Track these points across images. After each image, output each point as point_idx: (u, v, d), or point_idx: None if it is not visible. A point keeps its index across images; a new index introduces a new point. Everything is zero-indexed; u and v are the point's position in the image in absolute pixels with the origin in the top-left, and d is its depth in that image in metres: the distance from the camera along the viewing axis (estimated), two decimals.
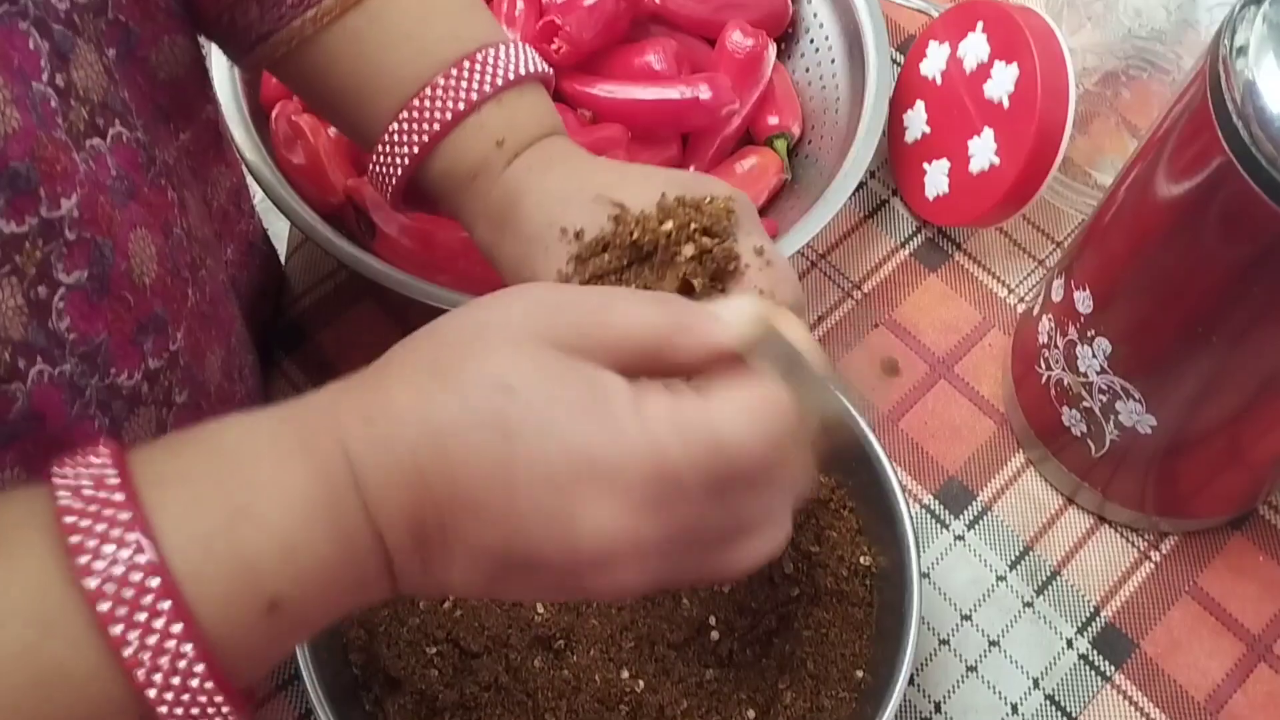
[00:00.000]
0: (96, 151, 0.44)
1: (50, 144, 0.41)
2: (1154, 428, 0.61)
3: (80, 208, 0.42)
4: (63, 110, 0.43)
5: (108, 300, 0.44)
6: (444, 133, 0.51)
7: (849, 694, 0.59)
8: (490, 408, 0.35)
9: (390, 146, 0.52)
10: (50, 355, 0.42)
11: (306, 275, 0.78)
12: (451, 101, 0.51)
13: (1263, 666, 0.67)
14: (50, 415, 0.43)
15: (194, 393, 0.52)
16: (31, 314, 0.41)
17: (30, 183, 0.40)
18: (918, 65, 0.80)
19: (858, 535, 0.63)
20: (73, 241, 0.42)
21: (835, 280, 0.79)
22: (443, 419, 0.35)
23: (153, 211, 0.48)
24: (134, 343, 0.46)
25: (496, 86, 0.51)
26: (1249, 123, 0.47)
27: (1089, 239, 0.62)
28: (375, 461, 0.35)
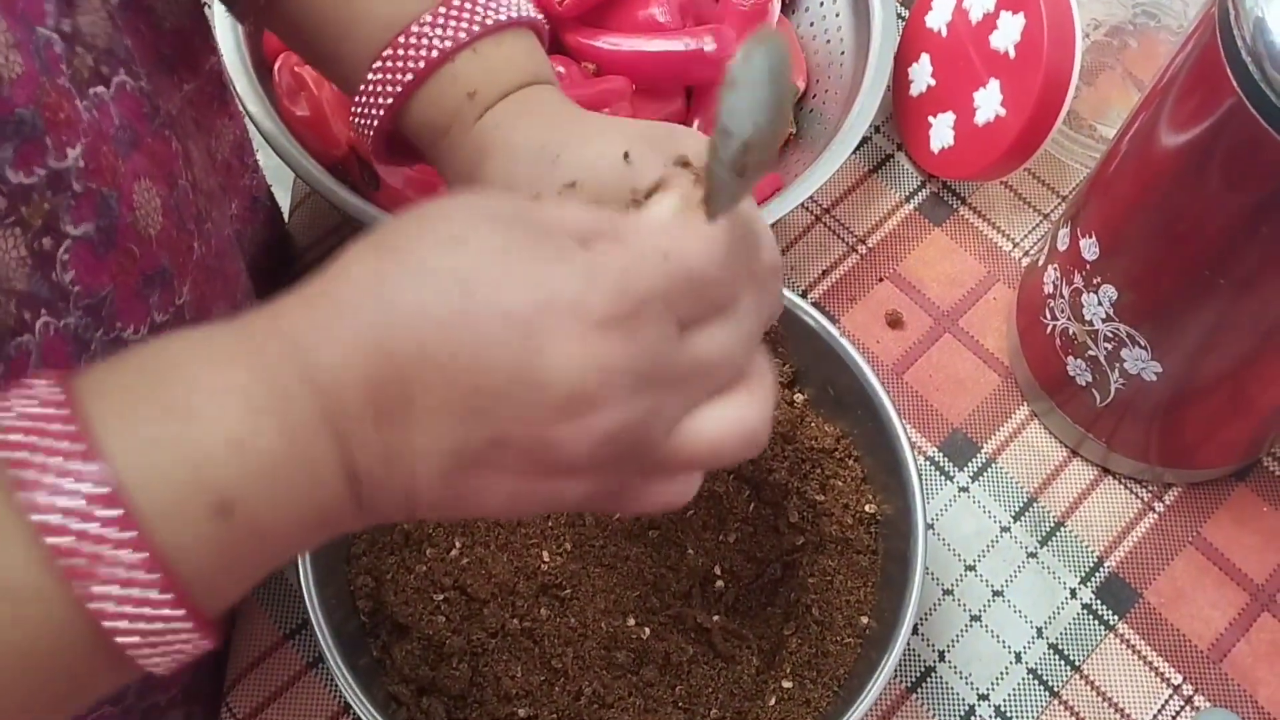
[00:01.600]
0: (100, 100, 0.44)
1: (54, 91, 0.40)
2: (1159, 375, 0.61)
3: (85, 157, 0.42)
4: (66, 56, 0.42)
5: (113, 253, 0.44)
6: (417, 83, 0.49)
7: (854, 640, 0.60)
8: (445, 265, 0.34)
9: (367, 95, 0.51)
10: (54, 308, 0.42)
11: (310, 230, 0.77)
12: (427, 48, 0.49)
13: (1266, 616, 0.67)
14: (55, 368, 0.42)
15: None
16: (35, 265, 0.41)
17: (36, 130, 0.39)
18: (923, 18, 0.79)
19: (863, 484, 0.63)
20: (80, 193, 0.42)
21: (840, 234, 0.78)
22: (398, 283, 0.34)
23: (156, 162, 0.47)
24: (139, 296, 0.46)
25: (473, 34, 0.49)
26: (1260, 60, 0.46)
27: (1095, 186, 0.62)
28: (328, 340, 0.34)
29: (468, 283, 0.34)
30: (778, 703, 0.59)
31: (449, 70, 0.49)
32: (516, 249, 0.35)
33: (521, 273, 0.35)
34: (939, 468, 0.71)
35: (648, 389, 0.36)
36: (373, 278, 0.35)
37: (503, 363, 0.34)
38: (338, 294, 0.35)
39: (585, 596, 0.60)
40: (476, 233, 0.35)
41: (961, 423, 0.72)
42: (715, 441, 0.38)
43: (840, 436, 0.64)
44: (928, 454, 0.71)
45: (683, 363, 0.37)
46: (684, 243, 0.36)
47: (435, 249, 0.35)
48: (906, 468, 0.59)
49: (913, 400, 0.73)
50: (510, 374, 0.34)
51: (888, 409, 0.61)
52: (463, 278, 0.34)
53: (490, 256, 0.35)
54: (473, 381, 0.34)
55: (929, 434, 0.72)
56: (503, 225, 0.36)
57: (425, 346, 0.34)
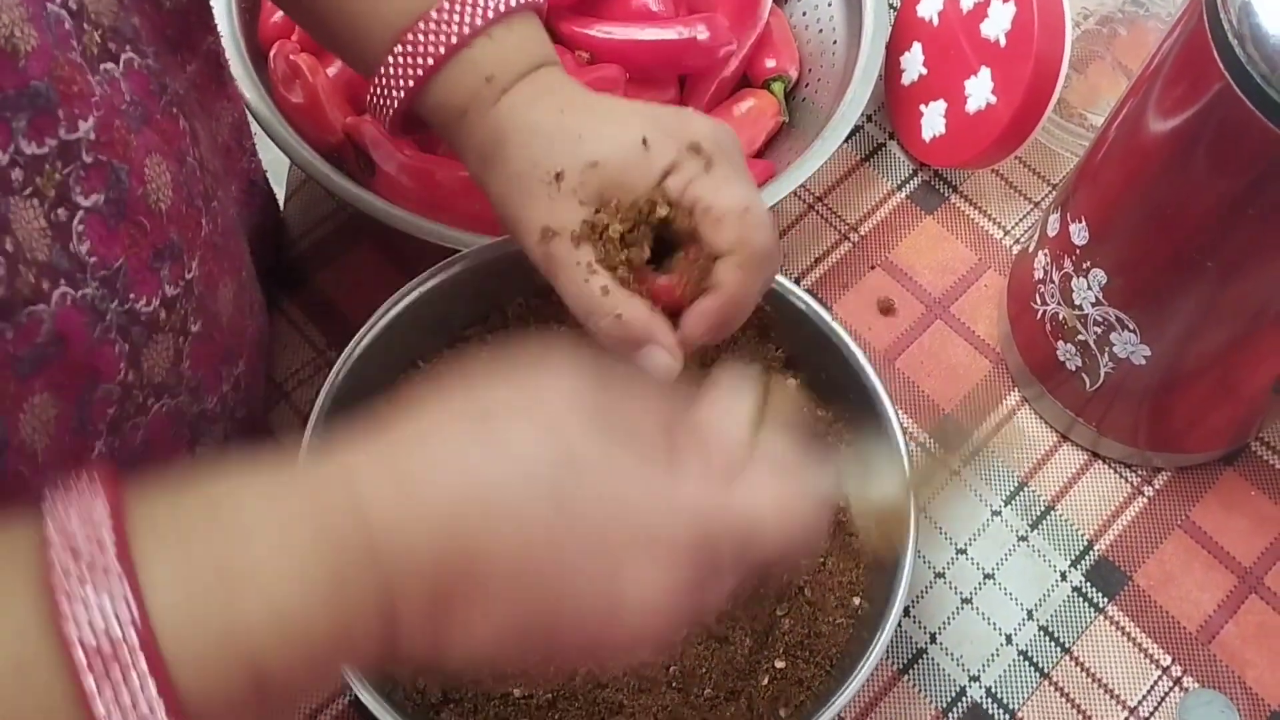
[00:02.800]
0: (110, 76, 0.45)
1: (67, 65, 0.41)
2: (1148, 358, 0.62)
3: (97, 130, 0.42)
4: (76, 33, 0.43)
5: (125, 225, 0.45)
6: (436, 68, 0.51)
7: (846, 620, 0.60)
8: (552, 478, 0.35)
9: (386, 80, 0.53)
10: (73, 278, 0.43)
11: (305, 217, 0.78)
12: (444, 36, 0.51)
13: (1254, 598, 0.68)
14: (73, 338, 0.43)
15: (207, 323, 0.52)
16: (54, 236, 0.41)
17: (50, 102, 0.40)
18: (914, 7, 0.80)
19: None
20: (90, 164, 0.42)
21: (832, 223, 0.79)
22: (499, 486, 0.34)
23: (166, 139, 0.48)
24: (151, 269, 0.47)
25: (488, 19, 0.51)
26: (1245, 43, 0.47)
27: (1085, 171, 0.63)
28: (401, 524, 0.34)
29: (563, 505, 0.35)
30: (770, 682, 0.59)
31: (466, 55, 0.51)
32: (617, 471, 0.36)
33: (618, 499, 0.35)
34: (931, 453, 0.72)
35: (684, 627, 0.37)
36: (458, 460, 0.35)
37: (584, 588, 0.35)
38: (419, 471, 0.35)
39: None
40: (570, 429, 0.36)
41: (953, 409, 0.73)
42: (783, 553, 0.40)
43: (833, 421, 0.65)
44: (920, 439, 0.72)
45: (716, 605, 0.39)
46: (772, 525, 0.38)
47: (527, 439, 0.35)
48: (899, 452, 0.60)
49: (905, 386, 0.74)
50: (589, 598, 0.35)
51: (880, 394, 0.62)
52: (560, 499, 0.35)
53: (590, 478, 0.35)
54: (545, 596, 0.35)
55: (921, 420, 0.73)
56: (597, 423, 0.36)
57: (505, 558, 0.34)
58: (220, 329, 0.54)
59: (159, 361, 0.49)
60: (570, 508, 0.35)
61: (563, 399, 0.37)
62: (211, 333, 0.53)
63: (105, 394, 0.46)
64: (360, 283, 0.75)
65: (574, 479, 0.35)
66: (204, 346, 0.52)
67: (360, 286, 0.75)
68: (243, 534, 0.33)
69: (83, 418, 0.45)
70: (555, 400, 0.37)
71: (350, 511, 0.34)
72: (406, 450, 0.35)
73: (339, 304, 0.75)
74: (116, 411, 0.47)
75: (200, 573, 0.33)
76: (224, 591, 0.33)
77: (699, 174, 0.48)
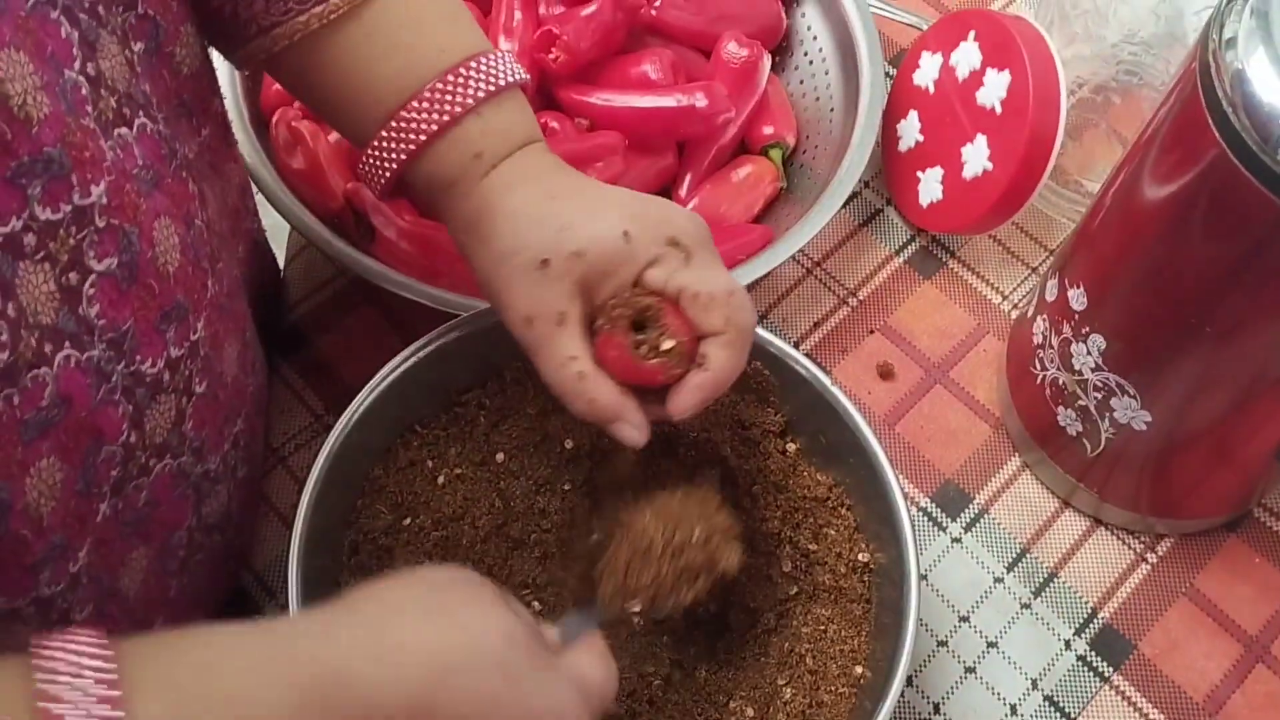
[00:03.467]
0: (124, 140, 0.45)
1: (79, 131, 0.42)
2: (1149, 424, 0.62)
3: (109, 194, 0.43)
4: (93, 99, 0.44)
5: (135, 288, 0.45)
6: (428, 143, 0.54)
7: (849, 689, 0.59)
8: (500, 652, 0.43)
9: (379, 152, 0.55)
10: (79, 341, 0.43)
11: (305, 281, 0.78)
12: (438, 112, 0.54)
13: (1260, 667, 0.67)
14: (77, 400, 0.43)
15: (212, 383, 0.53)
16: (63, 300, 0.42)
17: (63, 168, 0.41)
18: (910, 75, 0.81)
19: (855, 533, 0.63)
20: (103, 229, 0.43)
21: (830, 287, 0.79)
22: (457, 655, 0.42)
23: (176, 202, 0.49)
24: (157, 330, 0.47)
25: (478, 99, 0.54)
26: (1239, 111, 0.47)
27: (1082, 237, 0.63)
28: (378, 680, 0.40)
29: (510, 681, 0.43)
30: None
31: (456, 132, 0.54)
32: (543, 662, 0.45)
33: (544, 687, 0.44)
34: (931, 518, 0.71)
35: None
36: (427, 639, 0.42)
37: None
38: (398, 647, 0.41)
39: None
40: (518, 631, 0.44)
41: (954, 473, 0.73)
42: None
43: (833, 486, 0.64)
44: (920, 504, 0.71)
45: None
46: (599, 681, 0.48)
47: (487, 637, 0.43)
48: (899, 517, 0.59)
49: (905, 451, 0.73)
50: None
51: (880, 459, 0.61)
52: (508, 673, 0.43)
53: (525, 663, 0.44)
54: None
55: (921, 484, 0.72)
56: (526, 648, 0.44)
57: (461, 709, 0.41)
58: (224, 388, 0.55)
59: (161, 422, 0.49)
60: (511, 683, 0.43)
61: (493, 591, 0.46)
62: (216, 392, 0.53)
63: (109, 455, 0.46)
64: (359, 347, 0.75)
65: (515, 656, 0.43)
66: (208, 406, 0.53)
67: (359, 351, 0.75)
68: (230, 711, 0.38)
69: (87, 480, 0.45)
70: (488, 590, 0.46)
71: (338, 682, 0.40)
72: (381, 622, 0.42)
73: (337, 368, 0.75)
74: (120, 473, 0.47)
75: None
76: None
77: (680, 266, 0.52)
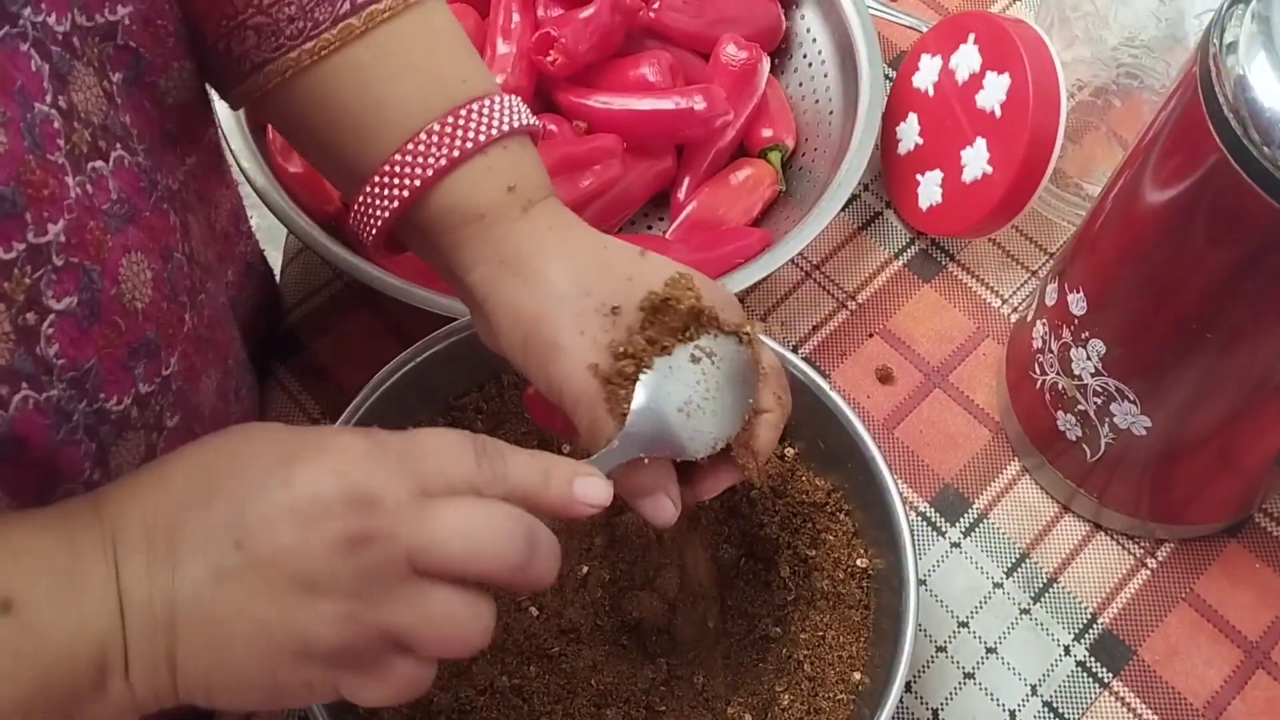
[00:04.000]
0: (98, 174, 0.44)
1: (39, 168, 0.41)
2: (1149, 429, 0.61)
3: (67, 233, 0.42)
4: (65, 132, 0.42)
5: (98, 326, 0.44)
6: (450, 168, 0.50)
7: (846, 696, 0.59)
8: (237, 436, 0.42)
9: (389, 178, 0.51)
10: (36, 381, 0.42)
11: (302, 285, 0.78)
12: (463, 138, 0.50)
13: (1260, 673, 0.67)
14: (33, 440, 0.42)
15: (186, 416, 0.51)
16: (19, 341, 0.41)
17: (16, 206, 0.40)
18: (910, 78, 0.80)
19: (854, 538, 0.63)
20: (61, 267, 0.42)
21: (830, 290, 0.79)
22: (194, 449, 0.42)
23: (153, 236, 0.48)
24: (125, 368, 0.46)
25: (504, 132, 0.51)
26: (1241, 117, 0.47)
27: (1082, 242, 0.63)
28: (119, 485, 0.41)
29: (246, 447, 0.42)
30: None
31: (483, 161, 0.51)
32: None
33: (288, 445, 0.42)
34: (930, 523, 0.71)
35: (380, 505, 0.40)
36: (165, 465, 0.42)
37: (254, 475, 0.40)
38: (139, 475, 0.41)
39: (575, 654, 0.60)
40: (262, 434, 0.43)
41: (953, 478, 0.72)
42: (459, 534, 0.41)
43: (831, 490, 0.64)
44: (919, 509, 0.71)
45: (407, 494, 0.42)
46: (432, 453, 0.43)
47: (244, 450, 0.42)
48: (898, 522, 0.59)
49: (904, 455, 0.73)
50: (257, 481, 0.40)
51: (879, 463, 0.61)
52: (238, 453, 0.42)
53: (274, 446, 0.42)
54: (226, 495, 0.40)
55: (920, 489, 0.72)
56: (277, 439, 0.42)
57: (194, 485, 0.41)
58: (201, 420, 0.53)
59: (129, 459, 0.48)
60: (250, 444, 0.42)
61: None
62: (191, 425, 0.52)
63: (66, 494, 0.45)
64: (355, 351, 0.75)
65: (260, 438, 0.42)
66: (181, 440, 0.51)
67: (355, 354, 0.75)
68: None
69: None
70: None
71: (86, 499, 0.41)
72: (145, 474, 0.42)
73: (334, 372, 0.74)
74: None
75: None
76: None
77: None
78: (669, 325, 0.49)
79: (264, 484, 0.40)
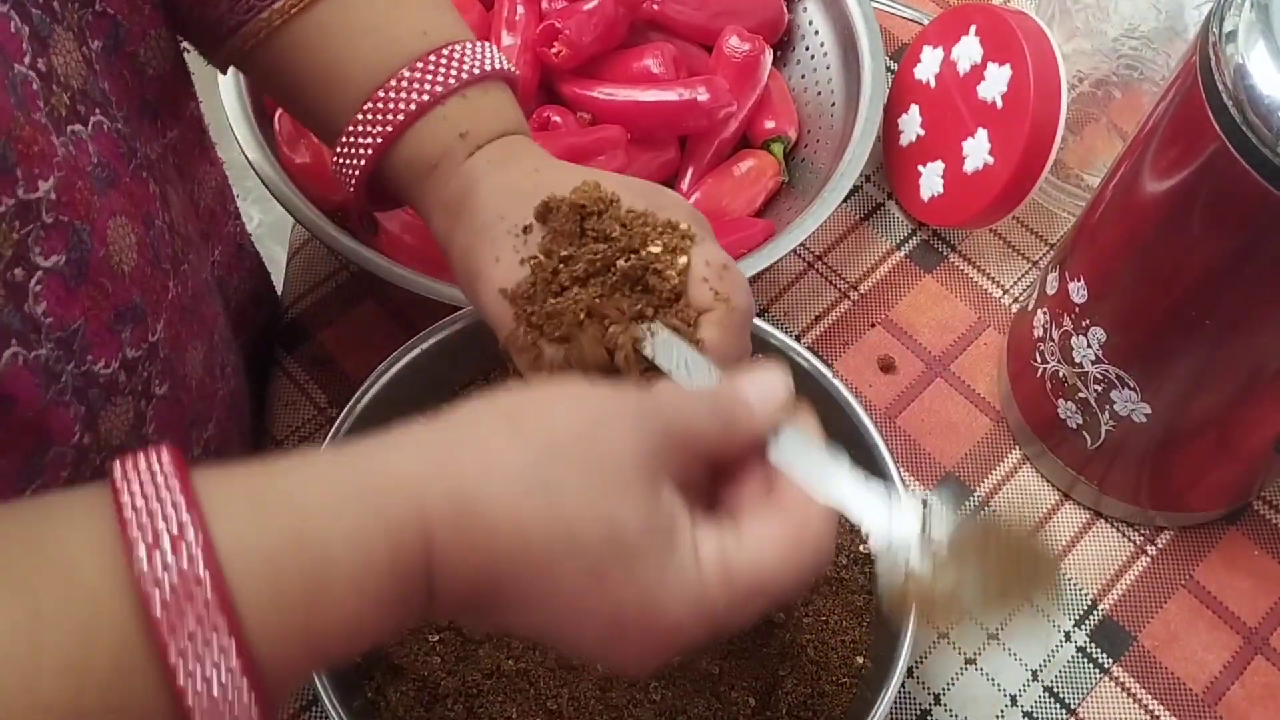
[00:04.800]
0: (77, 137, 0.45)
1: (28, 125, 0.41)
2: (1149, 416, 0.62)
3: (58, 190, 0.42)
4: (44, 94, 0.43)
5: (85, 286, 0.44)
6: (408, 122, 0.51)
7: (849, 680, 0.60)
8: (595, 553, 0.37)
9: (355, 136, 0.52)
10: (25, 339, 0.42)
11: (308, 274, 0.78)
12: (417, 93, 0.51)
13: (1259, 659, 0.68)
14: (22, 398, 0.42)
15: (174, 386, 0.52)
16: (7, 297, 0.41)
17: (7, 162, 0.40)
18: (911, 70, 0.81)
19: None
20: (50, 225, 0.42)
21: (832, 280, 0.79)
22: (543, 547, 0.37)
23: (134, 201, 0.48)
24: (112, 330, 0.46)
25: (462, 80, 0.51)
26: (1241, 104, 0.48)
27: (1082, 231, 0.63)
28: (457, 556, 0.37)
29: (599, 579, 0.37)
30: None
31: (439, 112, 0.51)
32: (649, 559, 0.38)
33: (643, 588, 0.38)
34: None
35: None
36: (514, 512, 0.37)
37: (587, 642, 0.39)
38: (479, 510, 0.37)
39: None
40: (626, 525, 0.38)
41: (954, 466, 0.73)
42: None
43: None
44: (921, 497, 0.72)
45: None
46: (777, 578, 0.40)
47: (581, 505, 0.37)
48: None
49: (906, 444, 0.73)
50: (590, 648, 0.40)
51: (881, 452, 0.61)
52: (598, 574, 0.37)
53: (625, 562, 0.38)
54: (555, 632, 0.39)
55: (922, 477, 0.72)
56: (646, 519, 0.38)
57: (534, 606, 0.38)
58: (188, 391, 0.54)
59: (118, 424, 0.48)
60: (601, 585, 0.37)
61: (626, 462, 0.38)
62: (179, 395, 0.52)
63: (58, 456, 0.45)
64: (362, 340, 0.75)
65: (614, 557, 0.37)
66: (170, 409, 0.52)
67: (362, 344, 0.75)
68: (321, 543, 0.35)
69: (32, 479, 0.45)
70: (617, 463, 0.38)
71: (421, 543, 0.36)
72: (473, 485, 0.37)
73: (340, 361, 0.75)
74: (71, 474, 0.46)
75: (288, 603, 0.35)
76: (305, 612, 0.35)
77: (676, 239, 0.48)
78: (560, 228, 0.47)
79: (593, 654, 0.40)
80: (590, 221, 0.47)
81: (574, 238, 0.47)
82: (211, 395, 0.57)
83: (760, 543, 0.40)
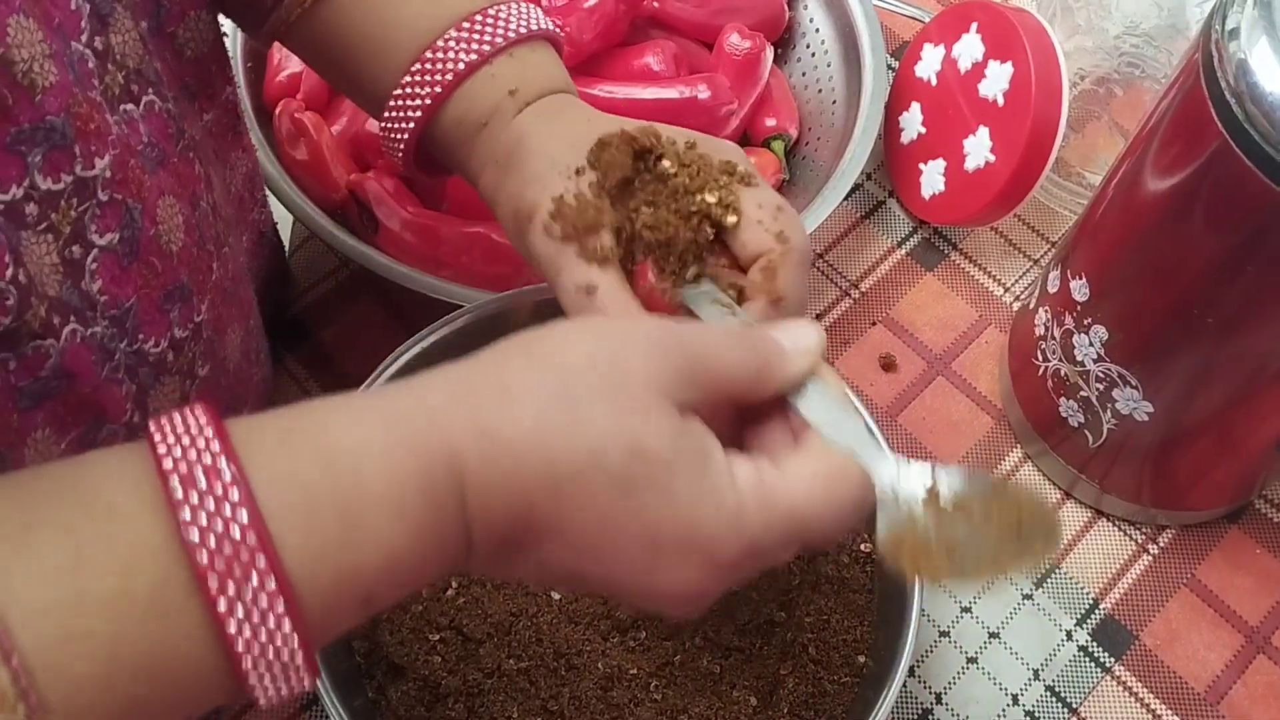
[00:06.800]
0: (129, 116, 0.45)
1: (85, 102, 0.41)
2: (1151, 415, 0.62)
3: (113, 168, 0.43)
4: (99, 72, 0.43)
5: (136, 265, 0.45)
6: (457, 81, 0.52)
7: (851, 679, 0.59)
8: (620, 465, 0.37)
9: (404, 99, 0.53)
10: (83, 316, 0.43)
11: (309, 273, 0.78)
12: (465, 52, 0.52)
13: (1261, 658, 0.67)
14: (81, 375, 0.43)
15: (215, 368, 0.52)
16: (66, 273, 0.41)
17: (66, 138, 0.40)
18: (912, 67, 0.81)
19: None
20: (105, 202, 0.43)
21: (833, 279, 0.79)
22: (568, 464, 0.37)
23: (181, 182, 0.48)
24: (161, 310, 0.47)
25: (509, 39, 0.52)
26: (1242, 101, 0.47)
27: (1084, 229, 0.63)
28: (487, 482, 0.37)
29: (629, 494, 0.37)
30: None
31: (488, 70, 0.52)
32: (681, 475, 0.38)
33: (677, 503, 0.38)
34: None
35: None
36: (537, 435, 0.37)
37: (625, 568, 0.39)
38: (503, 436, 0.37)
39: (580, 638, 0.60)
40: (653, 443, 0.38)
41: (956, 465, 0.73)
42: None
43: None
44: None
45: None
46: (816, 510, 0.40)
47: (615, 450, 0.37)
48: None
49: (907, 442, 0.73)
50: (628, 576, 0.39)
51: (882, 447, 0.61)
52: (627, 488, 0.37)
53: (658, 477, 0.38)
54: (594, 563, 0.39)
55: None
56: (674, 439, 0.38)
57: (568, 529, 0.38)
58: (227, 374, 0.54)
59: (165, 404, 0.48)
60: (631, 501, 0.37)
61: (643, 383, 0.38)
62: (219, 377, 0.53)
63: (110, 435, 0.46)
64: (362, 338, 0.75)
65: (642, 472, 0.37)
66: (210, 391, 0.52)
67: (362, 342, 0.75)
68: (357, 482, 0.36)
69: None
70: (636, 383, 0.38)
71: (450, 473, 0.37)
72: (493, 410, 0.38)
73: (341, 359, 0.75)
74: None
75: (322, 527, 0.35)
76: (344, 541, 0.35)
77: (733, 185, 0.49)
78: (613, 159, 0.47)
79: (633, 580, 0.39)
80: (646, 160, 0.48)
81: (626, 169, 0.48)
82: (248, 379, 0.58)
83: (800, 474, 0.40)
